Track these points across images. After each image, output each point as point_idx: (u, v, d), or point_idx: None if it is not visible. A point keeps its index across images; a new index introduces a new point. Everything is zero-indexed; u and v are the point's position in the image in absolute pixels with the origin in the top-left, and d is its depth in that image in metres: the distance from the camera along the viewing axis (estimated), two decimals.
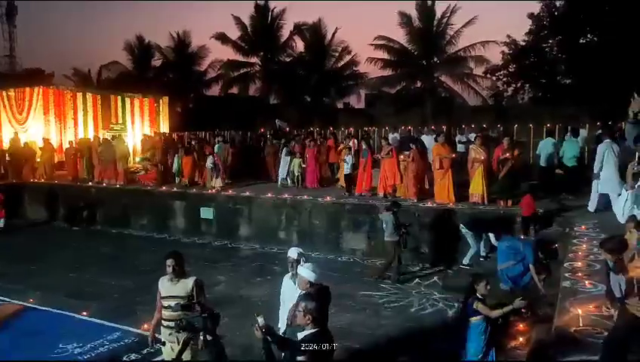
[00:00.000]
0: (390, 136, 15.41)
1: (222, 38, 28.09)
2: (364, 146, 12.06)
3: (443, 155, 10.53)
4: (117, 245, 12.03)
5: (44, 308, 7.46)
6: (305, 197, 11.77)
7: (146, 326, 6.42)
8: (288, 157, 13.51)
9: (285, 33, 28.55)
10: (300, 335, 3.23)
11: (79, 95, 19.48)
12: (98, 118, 19.83)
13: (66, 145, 17.37)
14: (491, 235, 9.02)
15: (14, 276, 9.20)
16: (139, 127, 21.19)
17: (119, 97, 20.94)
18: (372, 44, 25.14)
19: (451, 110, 24.49)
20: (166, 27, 70.47)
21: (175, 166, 14.71)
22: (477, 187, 10.28)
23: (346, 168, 12.24)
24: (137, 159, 17.85)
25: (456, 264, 9.32)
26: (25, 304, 7.65)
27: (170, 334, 4.33)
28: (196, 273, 4.59)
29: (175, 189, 13.76)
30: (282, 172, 13.62)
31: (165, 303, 4.36)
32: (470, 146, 11.09)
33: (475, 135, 13.06)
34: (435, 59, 25.31)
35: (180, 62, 30.41)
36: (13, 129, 18.55)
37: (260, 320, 3.44)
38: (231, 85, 29.24)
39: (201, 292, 4.37)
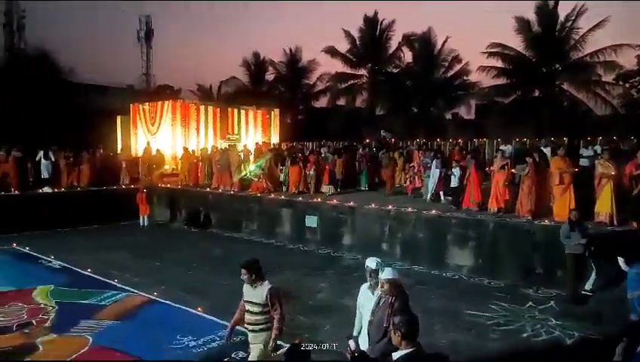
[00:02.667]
0: (504, 148, 14.52)
1: (331, 51, 28.81)
2: (468, 158, 11.56)
3: (563, 170, 9.68)
4: (228, 248, 12.80)
5: (165, 302, 8.18)
6: (409, 209, 11.56)
7: None
8: (438, 170, 12.45)
9: (394, 44, 28.47)
10: (395, 356, 2.99)
11: (202, 108, 21.42)
12: (217, 128, 21.56)
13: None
14: (621, 260, 8.05)
15: (142, 271, 10.25)
16: (252, 137, 22.55)
17: (235, 110, 22.54)
18: (484, 52, 24.03)
19: (573, 120, 22.41)
20: (280, 43, 74.35)
21: (282, 175, 15.36)
22: (604, 205, 9.27)
23: (453, 181, 11.81)
24: (251, 168, 19.00)
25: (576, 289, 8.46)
26: (150, 296, 8.45)
27: (250, 335, 4.55)
28: (298, 279, 4.72)
29: (282, 197, 14.34)
30: (432, 186, 12.67)
31: (246, 306, 4.57)
32: (597, 160, 10.06)
33: (602, 148, 11.83)
34: (557, 66, 23.40)
35: (290, 76, 31.88)
36: (146, 138, 20.85)
37: (352, 343, 3.41)
38: (338, 97, 29.82)
39: (276, 300, 4.44)
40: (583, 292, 8.31)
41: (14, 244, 12.53)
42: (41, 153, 16.98)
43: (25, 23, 33.14)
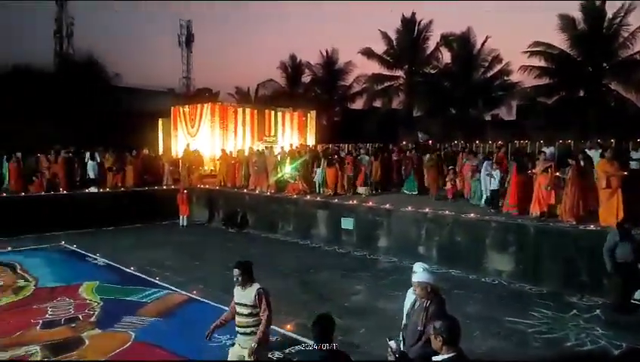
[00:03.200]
0: (546, 150, 14.02)
1: (368, 53, 28.72)
2: (509, 160, 11.23)
3: (610, 173, 9.28)
4: (265, 248, 12.92)
5: (203, 300, 8.34)
6: (446, 211, 11.37)
7: (289, 326, 6.84)
8: (490, 173, 11.80)
9: (431, 45, 28.13)
10: (436, 359, 3.01)
11: (239, 110, 21.86)
12: (254, 130, 21.92)
13: None
14: None
15: (182, 269, 10.50)
16: (289, 139, 22.76)
17: (272, 112, 22.84)
18: (526, 51, 23.33)
19: (621, 121, 21.40)
20: (317, 45, 74.76)
21: (318, 176, 15.40)
22: None
23: (493, 184, 11.53)
24: (288, 169, 19.23)
25: (624, 297, 8.07)
26: (189, 295, 8.64)
27: (240, 338, 4.58)
28: (334, 281, 4.73)
29: (318, 199, 14.39)
30: (485, 189, 12.04)
31: (237, 309, 4.60)
32: None
33: None
34: (604, 65, 22.47)
35: (327, 78, 32.04)
36: (186, 140, 21.40)
37: (393, 344, 3.37)
38: (374, 98, 29.69)
39: (264, 301, 4.45)
40: (632, 301, 7.94)
41: (63, 242, 13.13)
42: (87, 154, 17.74)
43: (73, 30, 34.79)
